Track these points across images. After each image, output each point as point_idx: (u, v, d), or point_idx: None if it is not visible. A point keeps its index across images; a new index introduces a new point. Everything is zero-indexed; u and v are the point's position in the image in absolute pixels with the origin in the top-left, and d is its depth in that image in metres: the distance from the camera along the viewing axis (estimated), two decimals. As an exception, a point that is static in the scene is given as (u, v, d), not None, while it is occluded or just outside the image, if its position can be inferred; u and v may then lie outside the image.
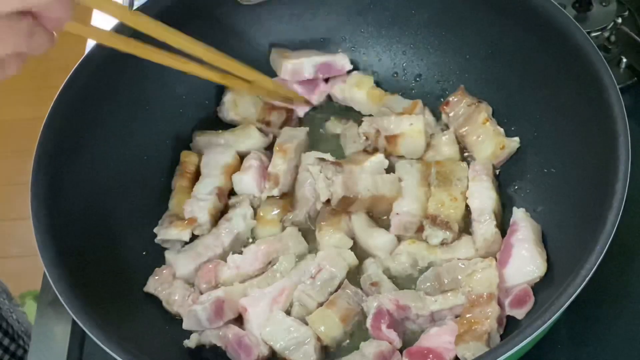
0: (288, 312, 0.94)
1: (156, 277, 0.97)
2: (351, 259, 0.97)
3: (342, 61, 1.11)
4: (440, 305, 0.90)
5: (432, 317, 0.91)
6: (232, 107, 1.08)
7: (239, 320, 0.95)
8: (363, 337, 0.92)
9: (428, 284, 0.94)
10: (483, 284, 0.90)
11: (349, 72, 1.13)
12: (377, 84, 1.13)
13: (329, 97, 1.14)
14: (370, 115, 1.09)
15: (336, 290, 0.95)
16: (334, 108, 1.14)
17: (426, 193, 0.99)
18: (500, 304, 0.89)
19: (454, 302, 0.90)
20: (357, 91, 1.11)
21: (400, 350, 0.90)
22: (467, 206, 0.98)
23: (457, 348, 0.87)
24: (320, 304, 0.93)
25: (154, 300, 0.97)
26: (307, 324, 0.92)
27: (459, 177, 1.00)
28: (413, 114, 1.05)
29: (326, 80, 1.13)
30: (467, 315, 0.88)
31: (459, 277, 0.92)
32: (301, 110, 1.12)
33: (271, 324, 0.92)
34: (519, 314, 0.89)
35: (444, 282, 0.93)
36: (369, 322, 0.91)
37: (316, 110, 1.13)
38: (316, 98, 1.12)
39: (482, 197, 0.97)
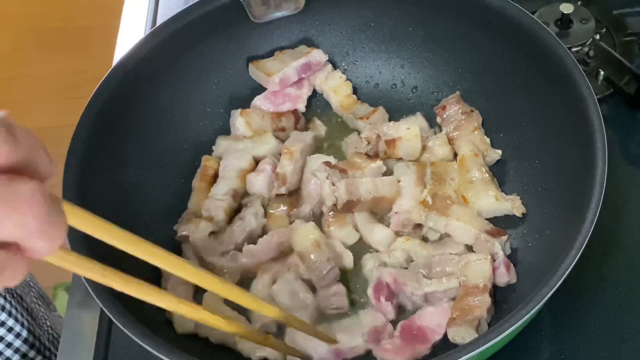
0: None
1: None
2: (348, 260, 0.98)
3: (318, 57, 1.12)
4: (434, 287, 0.91)
5: (426, 298, 0.91)
6: (247, 126, 1.09)
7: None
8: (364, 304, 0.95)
9: (419, 269, 0.94)
10: (477, 275, 0.90)
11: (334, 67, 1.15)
12: (377, 94, 1.14)
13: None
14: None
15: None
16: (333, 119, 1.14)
17: (422, 192, 0.99)
18: (491, 295, 0.90)
19: (447, 286, 0.91)
20: (333, 95, 1.13)
21: (394, 323, 0.91)
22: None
23: (448, 330, 0.87)
24: None
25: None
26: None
27: (452, 176, 1.00)
28: (408, 120, 1.08)
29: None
30: (461, 302, 0.89)
31: (448, 269, 0.93)
32: (301, 106, 1.13)
33: (281, 284, 0.94)
34: (513, 276, 0.92)
35: (433, 271, 0.93)
36: (369, 291, 0.92)
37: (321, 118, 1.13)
38: (306, 92, 1.14)
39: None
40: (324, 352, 0.88)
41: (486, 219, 0.97)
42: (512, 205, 0.96)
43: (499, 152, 1.03)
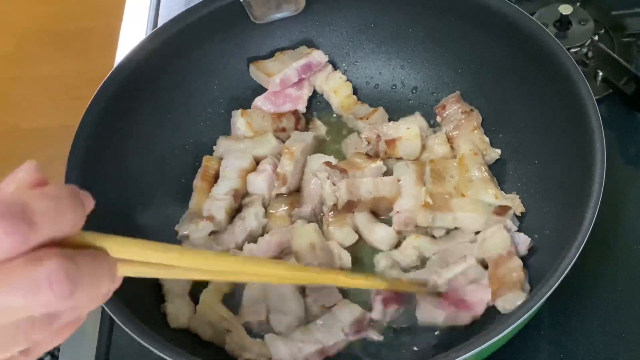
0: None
1: None
2: (346, 259, 0.97)
3: (318, 58, 1.12)
4: (453, 272, 0.91)
5: (450, 286, 0.91)
6: (248, 127, 1.09)
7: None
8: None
9: (436, 267, 0.94)
10: (498, 245, 0.91)
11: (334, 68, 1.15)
12: (377, 95, 1.14)
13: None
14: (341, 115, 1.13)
15: None
16: (333, 120, 1.14)
17: (421, 191, 0.99)
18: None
19: (465, 267, 0.91)
20: (333, 96, 1.13)
21: None
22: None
23: (496, 302, 0.87)
24: None
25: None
26: None
27: (451, 174, 1.00)
28: (408, 119, 1.07)
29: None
30: (496, 274, 0.89)
31: (463, 254, 0.93)
32: (302, 106, 1.13)
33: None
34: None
35: (449, 262, 0.93)
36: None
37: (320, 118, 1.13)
38: (306, 92, 1.14)
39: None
40: (309, 351, 0.88)
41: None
42: (512, 204, 0.96)
43: (498, 151, 1.03)
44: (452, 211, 0.95)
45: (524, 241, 0.93)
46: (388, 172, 1.03)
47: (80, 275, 0.49)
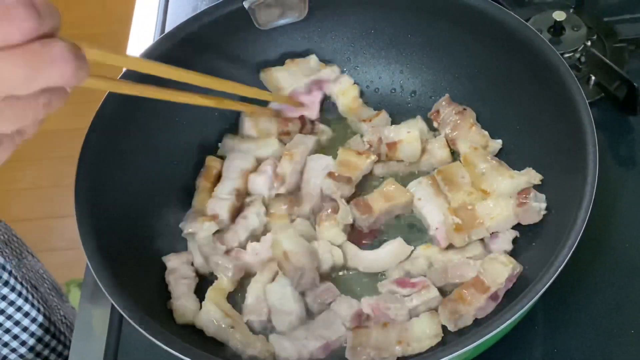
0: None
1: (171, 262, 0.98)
2: (337, 256, 0.97)
3: (329, 75, 1.12)
4: (415, 302, 0.90)
5: (409, 314, 0.90)
6: (254, 125, 1.09)
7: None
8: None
9: (437, 275, 0.93)
10: (491, 274, 0.88)
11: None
12: (377, 98, 1.15)
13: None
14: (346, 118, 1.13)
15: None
16: (337, 122, 1.14)
17: (445, 200, 0.98)
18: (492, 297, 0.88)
19: (427, 297, 0.90)
20: (340, 97, 1.13)
21: None
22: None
23: (442, 315, 0.87)
24: None
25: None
26: None
27: (461, 175, 0.99)
28: (409, 123, 1.07)
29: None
30: (462, 289, 0.88)
31: (460, 273, 0.91)
32: (314, 114, 1.12)
33: (275, 285, 0.93)
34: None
35: (449, 276, 0.92)
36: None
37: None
38: (317, 101, 1.13)
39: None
40: (314, 347, 0.88)
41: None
42: (529, 177, 0.95)
43: (500, 141, 1.03)
44: (482, 224, 0.93)
45: (507, 238, 0.94)
46: (388, 174, 1.04)
47: (82, 56, 0.61)
